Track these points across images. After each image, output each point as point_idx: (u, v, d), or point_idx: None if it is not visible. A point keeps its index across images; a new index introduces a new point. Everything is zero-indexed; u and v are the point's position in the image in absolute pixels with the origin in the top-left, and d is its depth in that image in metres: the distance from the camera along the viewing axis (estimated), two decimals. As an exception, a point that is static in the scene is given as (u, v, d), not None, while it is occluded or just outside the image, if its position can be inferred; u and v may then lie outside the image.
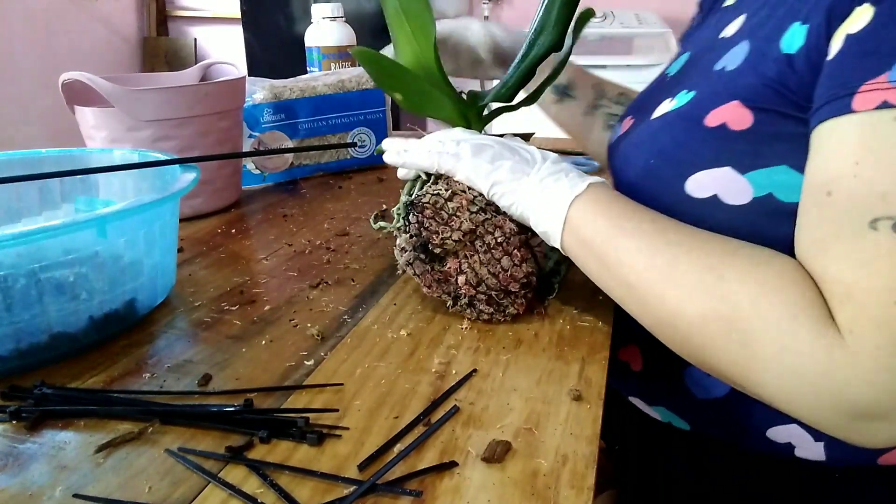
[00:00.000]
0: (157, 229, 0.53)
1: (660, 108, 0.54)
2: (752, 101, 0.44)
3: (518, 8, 2.41)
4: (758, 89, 0.44)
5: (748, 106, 0.45)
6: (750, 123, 0.44)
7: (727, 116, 0.45)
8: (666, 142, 0.50)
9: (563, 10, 0.55)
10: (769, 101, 0.44)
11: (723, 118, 0.46)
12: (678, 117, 0.50)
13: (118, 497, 0.35)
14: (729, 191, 0.45)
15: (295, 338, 0.51)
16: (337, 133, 0.96)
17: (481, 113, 0.60)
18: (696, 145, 0.47)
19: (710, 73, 0.50)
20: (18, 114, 2.34)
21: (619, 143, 0.59)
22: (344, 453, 0.38)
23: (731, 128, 0.45)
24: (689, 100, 0.50)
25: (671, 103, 0.53)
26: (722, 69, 0.49)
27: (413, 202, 0.52)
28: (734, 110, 0.45)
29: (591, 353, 0.48)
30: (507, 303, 0.53)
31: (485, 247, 0.51)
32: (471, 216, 0.50)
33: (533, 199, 0.47)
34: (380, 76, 0.55)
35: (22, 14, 2.35)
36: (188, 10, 2.87)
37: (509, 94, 0.58)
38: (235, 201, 0.85)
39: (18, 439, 0.40)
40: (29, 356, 0.47)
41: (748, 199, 0.45)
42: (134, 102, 0.71)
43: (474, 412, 0.42)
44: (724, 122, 0.45)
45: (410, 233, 0.52)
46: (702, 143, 0.47)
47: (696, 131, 0.47)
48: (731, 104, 0.45)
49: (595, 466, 0.37)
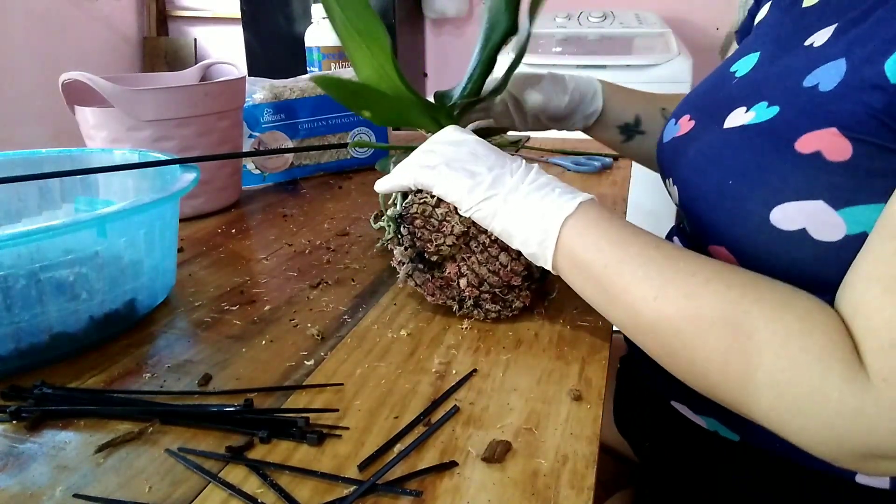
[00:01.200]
0: (157, 229, 0.53)
1: (734, 118, 0.49)
2: (852, 131, 0.41)
3: (518, 8, 2.41)
4: (859, 118, 0.40)
5: (847, 136, 0.41)
6: (849, 155, 0.40)
7: (823, 144, 0.41)
8: (748, 162, 0.45)
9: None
10: (871, 132, 0.40)
11: (818, 145, 0.42)
12: (761, 135, 0.46)
13: (118, 497, 0.35)
14: (820, 226, 0.42)
15: (295, 338, 0.51)
16: (337, 133, 0.96)
17: (452, 113, 0.60)
18: (786, 173, 0.43)
19: (799, 89, 0.45)
20: (18, 114, 2.34)
21: (682, 146, 0.54)
22: (344, 453, 0.38)
23: (828, 157, 0.41)
24: (771, 116, 0.46)
25: (748, 115, 0.48)
26: (814, 87, 0.44)
27: (402, 215, 0.52)
28: (831, 139, 0.41)
29: (591, 353, 0.48)
30: (512, 297, 0.53)
31: (480, 246, 0.51)
32: (461, 218, 0.50)
33: (517, 218, 0.45)
34: (345, 98, 0.55)
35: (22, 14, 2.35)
36: (188, 10, 2.87)
37: (475, 87, 0.59)
38: (235, 201, 0.85)
39: (18, 439, 0.40)
40: (29, 356, 0.47)
41: (840, 236, 0.41)
42: (134, 102, 0.71)
43: (474, 412, 0.42)
44: (820, 151, 0.41)
45: (405, 245, 0.52)
46: (792, 170, 0.43)
47: (785, 156, 0.43)
48: (828, 131, 0.41)
49: (595, 466, 0.37)
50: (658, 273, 0.41)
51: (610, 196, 0.85)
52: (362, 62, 0.56)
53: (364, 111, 0.55)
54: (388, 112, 0.57)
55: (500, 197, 0.46)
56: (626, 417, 0.69)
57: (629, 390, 0.69)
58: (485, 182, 0.47)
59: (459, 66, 2.42)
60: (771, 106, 0.46)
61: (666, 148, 0.58)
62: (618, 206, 0.81)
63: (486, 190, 0.47)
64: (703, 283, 0.39)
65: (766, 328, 0.37)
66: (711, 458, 0.57)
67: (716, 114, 0.52)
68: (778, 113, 0.46)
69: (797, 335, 0.36)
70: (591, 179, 0.93)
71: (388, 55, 0.55)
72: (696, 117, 0.56)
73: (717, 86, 0.57)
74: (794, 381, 0.36)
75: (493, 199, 0.46)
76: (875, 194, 0.40)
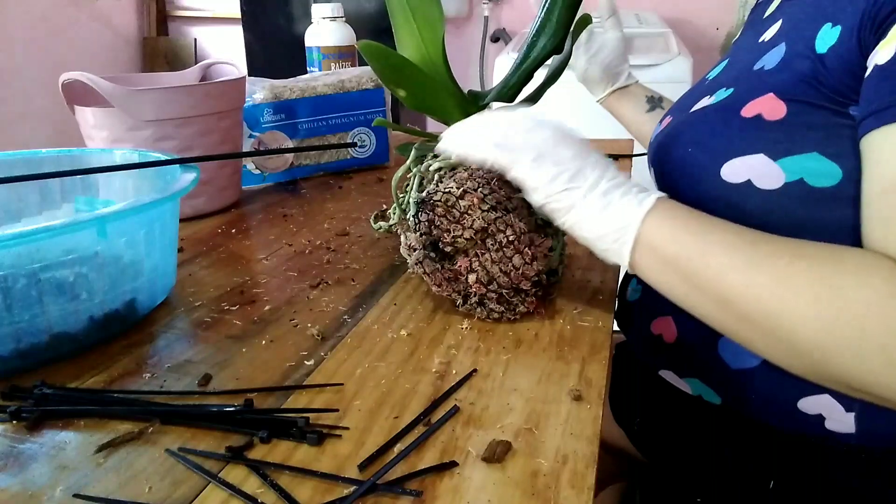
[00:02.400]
0: (157, 229, 0.53)
1: (698, 105, 0.56)
2: (787, 94, 0.47)
3: (518, 8, 2.41)
4: (793, 83, 0.47)
5: (782, 98, 0.47)
6: (784, 114, 0.47)
7: (763, 108, 0.48)
8: (703, 132, 0.52)
9: (563, 14, 0.55)
10: (802, 93, 0.46)
11: (758, 109, 0.48)
12: (716, 110, 0.53)
13: (118, 497, 0.35)
14: (762, 176, 0.47)
15: (295, 338, 0.51)
16: (337, 133, 0.96)
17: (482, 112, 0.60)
18: (732, 134, 0.50)
19: (750, 72, 0.53)
20: (18, 114, 2.34)
21: (658, 139, 0.60)
22: (344, 453, 0.38)
23: (766, 118, 0.48)
24: (727, 95, 0.53)
25: (709, 99, 0.55)
26: (761, 69, 0.51)
27: (424, 200, 0.52)
28: (769, 102, 0.48)
29: (591, 353, 0.48)
30: (518, 301, 0.53)
31: (496, 245, 0.51)
32: (482, 214, 0.50)
33: (595, 216, 0.45)
34: (385, 71, 0.54)
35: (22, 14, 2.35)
36: (188, 10, 2.87)
37: (511, 93, 0.59)
38: (235, 201, 0.85)
39: (18, 439, 0.40)
40: (29, 356, 0.47)
41: (780, 184, 0.47)
42: (134, 102, 0.71)
43: (474, 412, 0.42)
44: (760, 113, 0.48)
45: (420, 231, 0.52)
46: (738, 132, 0.49)
47: (732, 122, 0.50)
48: (767, 96, 0.48)
49: (595, 466, 0.37)
50: (744, 261, 0.41)
51: (610, 196, 0.85)
52: (407, 40, 0.55)
53: (399, 89, 0.54)
54: (423, 95, 0.55)
55: (580, 191, 0.45)
56: (619, 400, 0.71)
57: (621, 374, 0.72)
58: (566, 173, 0.46)
59: (460, 66, 2.42)
60: (728, 89, 0.54)
61: (651, 145, 0.63)
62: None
63: (567, 182, 0.45)
64: (788, 263, 0.40)
65: (860, 298, 0.38)
66: (696, 426, 0.60)
67: (686, 107, 0.59)
68: (732, 92, 0.53)
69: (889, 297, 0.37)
70: (591, 179, 0.93)
71: (438, 39, 0.54)
72: (673, 114, 0.62)
73: (693, 90, 0.64)
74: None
75: (572, 192, 0.45)
76: (808, 145, 0.46)
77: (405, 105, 0.57)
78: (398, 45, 0.57)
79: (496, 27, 2.43)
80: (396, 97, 0.56)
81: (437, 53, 0.55)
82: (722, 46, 2.22)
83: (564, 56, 0.58)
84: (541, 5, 0.57)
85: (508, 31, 2.42)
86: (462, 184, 0.51)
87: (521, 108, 0.54)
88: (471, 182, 0.51)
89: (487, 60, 2.42)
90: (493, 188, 0.52)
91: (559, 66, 0.59)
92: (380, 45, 0.52)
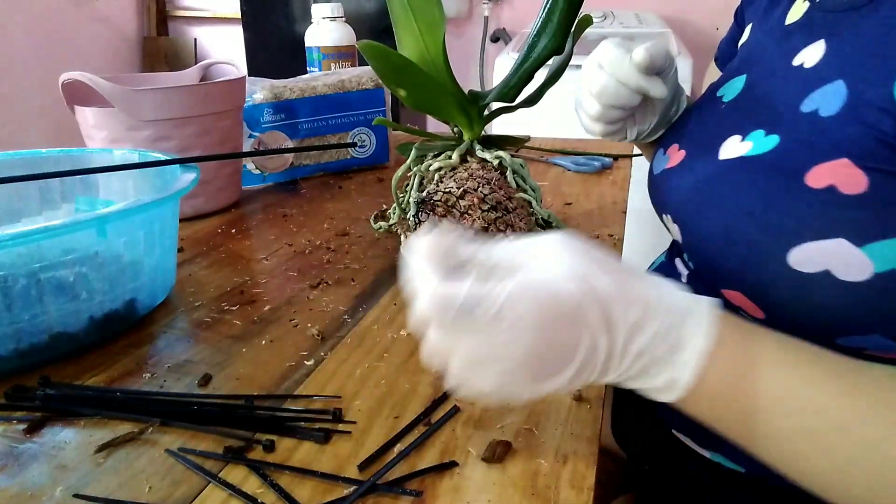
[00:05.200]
0: (157, 229, 0.53)
1: (729, 148, 0.47)
2: (866, 161, 0.38)
3: (518, 8, 2.41)
4: (870, 145, 0.38)
5: (861, 166, 0.38)
6: (865, 187, 0.38)
7: (836, 177, 0.39)
8: (755, 200, 0.42)
9: (564, 15, 0.55)
10: (885, 159, 0.37)
11: (830, 179, 0.39)
12: (766, 169, 0.43)
13: (118, 497, 0.35)
14: (844, 266, 0.38)
15: (295, 338, 0.51)
16: (337, 133, 0.96)
17: (482, 112, 0.60)
18: (800, 210, 0.40)
19: (797, 114, 0.43)
20: (18, 114, 2.33)
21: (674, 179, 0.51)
22: (344, 453, 0.38)
23: (842, 191, 0.38)
24: (773, 147, 0.43)
25: (745, 145, 0.45)
26: (814, 112, 0.42)
27: (424, 200, 0.52)
28: (844, 170, 0.38)
29: (592, 353, 0.48)
30: None
31: None
32: (482, 214, 0.50)
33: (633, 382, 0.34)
34: (386, 71, 0.54)
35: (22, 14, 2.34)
36: (188, 10, 2.87)
37: (511, 94, 0.59)
38: (235, 201, 0.85)
39: (18, 439, 0.40)
40: (29, 356, 0.47)
41: (868, 275, 0.38)
42: (134, 102, 0.71)
43: (474, 412, 0.42)
44: (833, 185, 0.39)
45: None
46: (807, 208, 0.39)
47: (796, 192, 0.40)
48: (840, 162, 0.39)
49: (595, 467, 0.37)
50: (820, 448, 0.32)
51: (610, 196, 0.84)
52: (408, 40, 0.56)
53: (400, 89, 0.54)
54: (424, 95, 0.56)
55: (607, 377, 0.33)
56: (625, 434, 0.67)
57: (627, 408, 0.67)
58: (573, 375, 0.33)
59: (459, 66, 2.42)
60: (770, 134, 0.44)
61: (657, 180, 0.54)
62: (618, 206, 0.81)
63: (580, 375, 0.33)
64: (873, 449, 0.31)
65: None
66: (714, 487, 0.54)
67: (707, 143, 0.49)
68: (779, 143, 0.43)
69: None
70: (591, 179, 0.93)
71: (438, 39, 0.54)
72: (685, 147, 0.53)
73: (703, 112, 0.54)
74: None
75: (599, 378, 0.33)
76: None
77: (406, 105, 0.57)
78: (399, 45, 0.57)
79: (496, 27, 2.43)
80: (397, 97, 0.56)
81: (437, 54, 0.55)
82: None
83: (565, 57, 0.58)
84: (542, 6, 0.57)
85: (508, 31, 2.42)
86: (462, 184, 0.51)
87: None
88: (471, 182, 0.51)
89: (487, 60, 2.42)
90: (493, 188, 0.52)
91: (559, 66, 0.59)
92: (381, 45, 0.52)
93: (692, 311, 0.32)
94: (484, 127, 0.61)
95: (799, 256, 0.40)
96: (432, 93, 0.56)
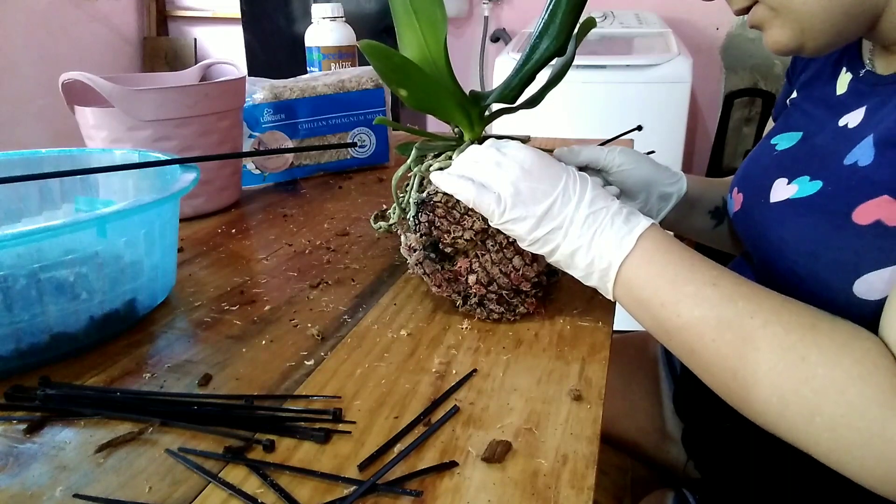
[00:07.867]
0: (157, 229, 0.53)
1: (777, 190, 0.52)
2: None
3: (518, 8, 2.41)
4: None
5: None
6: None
7: (881, 213, 0.44)
8: (811, 240, 0.48)
9: (567, 17, 0.55)
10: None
11: (876, 215, 0.44)
12: (813, 211, 0.48)
13: (118, 497, 0.35)
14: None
15: (295, 338, 0.51)
16: (337, 133, 0.96)
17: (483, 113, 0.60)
18: (855, 246, 0.45)
19: (840, 167, 0.48)
20: (18, 114, 2.33)
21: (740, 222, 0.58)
22: (344, 453, 0.38)
23: (888, 224, 0.44)
24: (816, 190, 0.49)
25: (790, 188, 0.51)
26: (854, 164, 0.47)
27: (424, 200, 0.52)
28: (886, 205, 0.44)
29: (591, 353, 0.48)
30: (518, 302, 0.53)
31: (496, 246, 0.51)
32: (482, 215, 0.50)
33: (576, 253, 0.46)
34: (387, 71, 0.54)
35: (22, 14, 2.34)
36: (188, 10, 2.87)
37: (512, 95, 0.59)
38: (235, 201, 0.85)
39: (18, 439, 0.40)
40: (29, 356, 0.47)
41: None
42: (134, 102, 0.71)
43: (474, 412, 0.42)
44: (880, 219, 0.44)
45: (421, 232, 0.52)
46: (860, 242, 0.45)
47: (846, 230, 0.46)
48: (881, 199, 0.44)
49: (595, 466, 0.37)
50: (715, 315, 0.41)
51: (610, 196, 0.84)
52: (410, 40, 0.56)
53: (401, 89, 0.54)
54: (425, 95, 0.55)
55: (560, 232, 0.46)
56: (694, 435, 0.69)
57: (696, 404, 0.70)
58: (544, 214, 0.46)
59: (459, 66, 2.42)
60: (813, 180, 0.50)
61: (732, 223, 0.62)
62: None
63: (543, 224, 0.46)
64: (761, 325, 0.40)
65: (824, 374, 0.38)
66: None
67: (758, 185, 0.55)
68: (822, 187, 0.49)
69: (855, 380, 0.37)
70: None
71: (440, 39, 0.54)
72: (742, 189, 0.59)
73: (758, 157, 0.60)
74: (852, 426, 0.37)
75: (552, 235, 0.46)
76: None
77: (406, 105, 0.56)
78: (400, 45, 0.57)
79: (496, 27, 2.43)
80: (398, 97, 0.56)
81: (439, 54, 0.55)
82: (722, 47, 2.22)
83: (567, 59, 0.58)
84: (545, 7, 0.57)
85: (508, 31, 2.42)
86: None
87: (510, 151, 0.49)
88: None
89: (487, 60, 2.42)
90: None
91: (562, 68, 0.59)
92: (382, 45, 0.52)
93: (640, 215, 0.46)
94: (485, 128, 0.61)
95: (862, 287, 0.45)
96: (433, 93, 0.56)
